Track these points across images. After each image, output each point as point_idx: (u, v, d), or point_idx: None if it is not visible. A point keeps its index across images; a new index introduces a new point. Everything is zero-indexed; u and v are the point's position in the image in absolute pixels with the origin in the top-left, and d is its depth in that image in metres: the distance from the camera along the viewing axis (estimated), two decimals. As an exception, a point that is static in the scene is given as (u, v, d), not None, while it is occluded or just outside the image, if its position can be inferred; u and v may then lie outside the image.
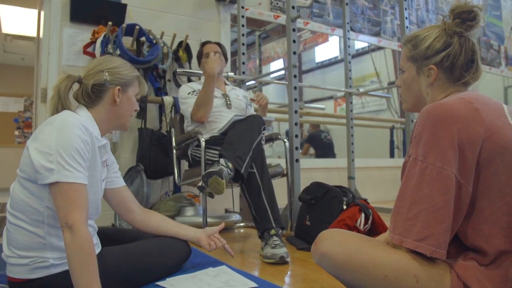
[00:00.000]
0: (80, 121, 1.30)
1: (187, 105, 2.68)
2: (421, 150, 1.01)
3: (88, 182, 1.26)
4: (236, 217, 3.06)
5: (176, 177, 2.76)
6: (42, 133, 1.26)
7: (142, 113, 3.13)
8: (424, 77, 1.19)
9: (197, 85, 2.80)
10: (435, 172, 0.98)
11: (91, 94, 1.41)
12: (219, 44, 2.94)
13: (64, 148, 1.21)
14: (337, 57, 8.32)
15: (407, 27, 3.37)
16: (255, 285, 1.50)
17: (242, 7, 3.56)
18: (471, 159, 0.98)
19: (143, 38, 3.18)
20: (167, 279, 1.55)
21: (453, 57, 1.14)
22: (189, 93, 2.71)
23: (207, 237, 1.73)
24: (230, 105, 2.76)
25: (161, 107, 3.25)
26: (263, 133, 2.31)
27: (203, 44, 2.95)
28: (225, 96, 2.79)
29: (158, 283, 1.52)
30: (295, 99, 2.72)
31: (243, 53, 3.51)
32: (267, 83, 6.34)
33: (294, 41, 2.76)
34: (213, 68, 2.58)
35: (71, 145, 1.22)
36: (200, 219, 2.73)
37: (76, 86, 1.45)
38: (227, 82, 2.98)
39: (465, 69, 1.15)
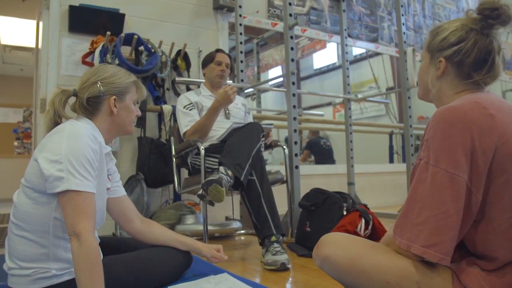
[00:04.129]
0: (89, 130, 1.31)
1: (180, 123, 2.68)
2: (433, 154, 0.98)
3: (96, 190, 1.26)
4: (236, 224, 3.05)
5: (176, 186, 2.76)
6: (50, 142, 1.26)
7: (141, 122, 3.14)
8: (434, 69, 1.15)
9: (195, 96, 2.79)
10: (447, 178, 0.95)
11: (87, 107, 1.41)
12: (229, 57, 2.91)
13: (74, 156, 1.21)
14: (335, 63, 8.35)
15: (404, 33, 3.39)
16: None
17: (240, 15, 3.58)
18: (483, 168, 0.95)
19: (141, 48, 3.20)
20: (168, 287, 1.55)
21: (463, 53, 1.08)
22: (185, 106, 2.71)
23: (208, 248, 1.72)
24: (229, 115, 2.76)
25: (160, 115, 3.26)
26: (262, 140, 2.32)
27: (217, 51, 2.90)
28: (223, 105, 2.79)
29: None
30: (294, 106, 2.73)
31: (242, 61, 3.52)
32: (266, 90, 6.36)
33: (292, 48, 2.77)
34: (224, 103, 2.46)
35: (81, 153, 1.23)
36: (200, 227, 2.73)
37: (73, 99, 1.46)
38: (226, 91, 2.98)
39: (474, 68, 1.09)
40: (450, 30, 1.12)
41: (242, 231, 3.10)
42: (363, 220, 2.18)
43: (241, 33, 3.56)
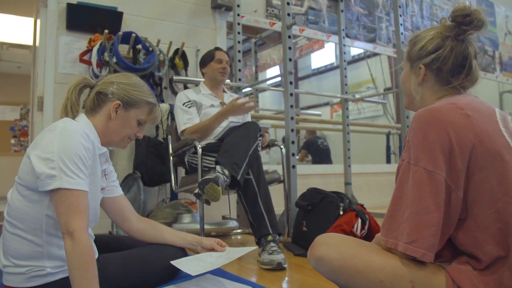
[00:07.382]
0: (82, 128, 1.30)
1: (179, 121, 2.68)
2: (413, 154, 1.01)
3: (89, 189, 1.26)
4: (233, 223, 3.06)
5: (173, 184, 2.76)
6: (43, 139, 1.26)
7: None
8: (415, 76, 1.20)
9: (193, 94, 2.79)
10: (426, 175, 0.98)
11: (94, 101, 1.43)
12: (227, 55, 2.91)
13: (66, 154, 1.20)
14: (333, 63, 8.35)
15: (402, 33, 3.39)
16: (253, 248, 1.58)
17: (238, 15, 3.58)
18: (461, 165, 0.98)
19: (139, 46, 3.20)
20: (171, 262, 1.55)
21: (441, 60, 1.13)
22: (184, 104, 2.70)
23: (208, 240, 1.72)
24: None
25: (158, 114, 3.24)
26: (260, 140, 2.32)
27: (216, 49, 2.90)
28: (222, 104, 2.79)
29: None
30: (291, 106, 2.73)
31: (239, 60, 3.52)
32: (263, 90, 6.36)
33: (290, 48, 2.77)
34: (235, 112, 2.48)
35: (73, 151, 1.22)
36: (197, 226, 2.73)
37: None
38: (225, 90, 2.98)
39: (452, 74, 1.14)
40: (427, 39, 1.17)
41: (238, 230, 3.10)
42: (359, 220, 2.19)
43: (239, 32, 3.56)
